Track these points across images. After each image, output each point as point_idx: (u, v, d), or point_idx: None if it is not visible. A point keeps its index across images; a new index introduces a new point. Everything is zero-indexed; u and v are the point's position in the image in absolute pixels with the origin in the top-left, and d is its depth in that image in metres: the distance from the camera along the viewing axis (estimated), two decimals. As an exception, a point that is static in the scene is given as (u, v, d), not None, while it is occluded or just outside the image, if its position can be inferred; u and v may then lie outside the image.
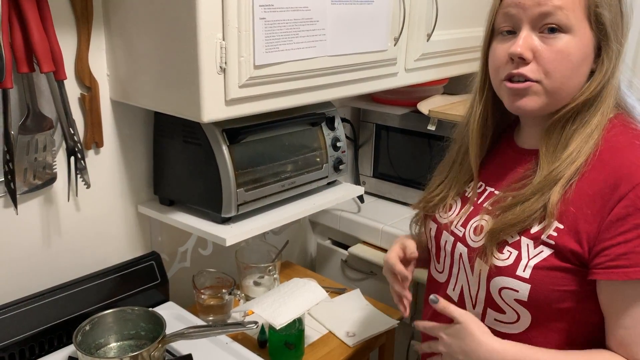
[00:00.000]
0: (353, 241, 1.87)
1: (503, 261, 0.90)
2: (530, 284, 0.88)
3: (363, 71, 1.37)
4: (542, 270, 0.87)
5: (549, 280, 0.87)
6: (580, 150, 0.88)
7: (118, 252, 1.41)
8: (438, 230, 1.06)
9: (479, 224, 0.96)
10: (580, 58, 0.88)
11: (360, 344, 1.43)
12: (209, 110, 1.08)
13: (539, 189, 0.89)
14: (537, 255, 0.88)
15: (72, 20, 1.18)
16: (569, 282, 0.87)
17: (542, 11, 0.86)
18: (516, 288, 0.89)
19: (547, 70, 0.87)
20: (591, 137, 0.89)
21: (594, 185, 0.86)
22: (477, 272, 0.94)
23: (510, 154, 1.02)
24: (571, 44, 0.87)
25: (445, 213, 1.05)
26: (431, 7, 1.51)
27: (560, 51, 0.87)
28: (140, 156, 1.40)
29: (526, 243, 0.89)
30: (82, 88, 1.24)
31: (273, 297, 1.35)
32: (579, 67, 0.89)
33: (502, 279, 0.90)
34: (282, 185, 1.38)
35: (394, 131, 1.92)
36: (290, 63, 1.18)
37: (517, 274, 0.88)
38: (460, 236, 0.99)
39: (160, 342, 1.11)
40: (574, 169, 0.87)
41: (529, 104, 0.90)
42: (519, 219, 0.89)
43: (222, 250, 1.57)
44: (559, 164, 0.88)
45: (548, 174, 0.89)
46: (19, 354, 1.17)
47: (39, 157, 1.17)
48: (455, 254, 1.00)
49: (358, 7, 1.29)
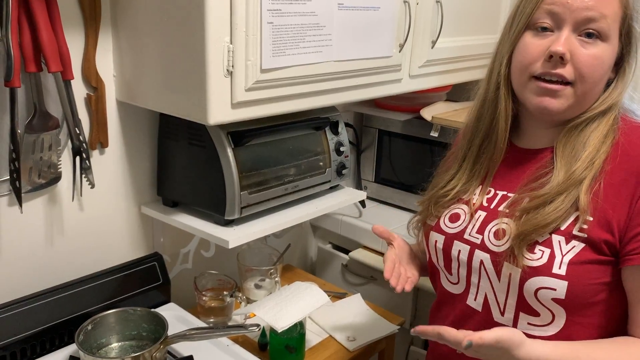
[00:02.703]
0: (354, 246, 1.87)
1: (536, 261, 0.89)
2: (568, 280, 0.87)
3: (368, 77, 1.38)
4: (577, 265, 0.87)
5: (585, 274, 0.87)
6: (598, 149, 0.90)
7: (120, 252, 1.41)
8: (447, 242, 1.02)
9: (500, 228, 0.95)
10: (609, 66, 0.91)
11: (360, 349, 1.43)
12: (215, 113, 1.08)
13: (565, 188, 0.89)
14: (570, 251, 0.87)
15: (80, 21, 1.19)
16: (603, 274, 0.87)
17: (588, 16, 0.87)
18: (553, 286, 0.87)
19: (582, 74, 0.88)
20: (607, 136, 0.90)
21: (618, 175, 0.87)
22: (506, 276, 0.92)
23: (513, 156, 1.01)
24: (606, 51, 0.89)
25: (452, 223, 1.03)
26: (436, 14, 1.52)
27: (596, 57, 0.88)
28: (144, 157, 1.41)
29: (557, 240, 0.89)
30: (88, 88, 1.24)
31: (275, 300, 1.35)
32: (606, 75, 0.91)
33: (538, 279, 0.89)
34: (285, 188, 1.39)
35: (397, 137, 1.93)
36: (296, 67, 1.18)
37: (553, 272, 0.87)
38: (479, 243, 0.97)
39: (162, 343, 1.11)
40: (596, 167, 0.88)
41: (556, 105, 0.91)
42: (550, 219, 0.88)
43: (224, 253, 1.58)
44: (580, 164, 0.89)
45: (571, 173, 0.89)
46: (20, 353, 1.17)
47: (44, 157, 1.17)
48: (473, 263, 0.98)
49: (364, 14, 1.30)
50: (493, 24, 1.79)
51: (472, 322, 0.99)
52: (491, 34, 1.79)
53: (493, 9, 1.77)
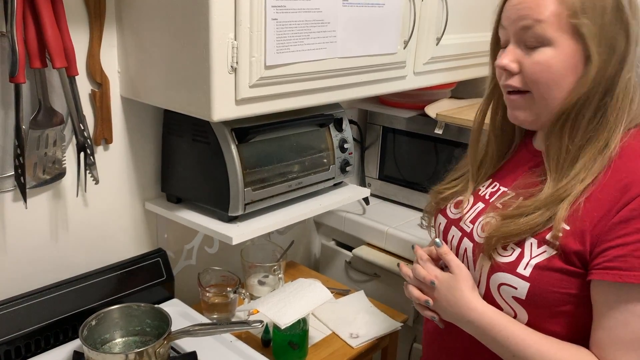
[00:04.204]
0: (357, 243, 1.88)
1: (505, 257, 0.91)
2: (530, 282, 0.88)
3: (372, 73, 1.38)
4: (543, 270, 0.87)
5: (549, 280, 0.87)
6: (589, 168, 0.88)
7: (124, 248, 1.42)
8: (447, 225, 1.07)
9: (487, 221, 0.97)
10: (562, 68, 0.88)
11: (363, 346, 1.43)
12: (219, 110, 1.08)
13: (545, 204, 0.89)
14: (539, 255, 0.88)
15: (84, 17, 1.19)
16: (570, 285, 0.87)
17: (524, 25, 0.89)
18: (515, 285, 0.89)
19: (532, 80, 0.91)
20: (601, 154, 0.88)
21: (605, 189, 0.86)
22: (480, 267, 0.95)
23: (524, 154, 1.05)
24: (551, 55, 0.88)
25: (455, 209, 1.07)
26: (441, 11, 1.51)
27: (539, 63, 0.89)
28: (148, 153, 1.41)
29: (530, 242, 0.90)
30: (93, 84, 1.25)
31: (278, 296, 1.36)
32: (563, 78, 0.89)
33: (502, 274, 0.91)
34: (289, 185, 1.39)
35: (401, 134, 1.93)
36: (300, 64, 1.18)
37: (517, 271, 0.89)
38: (468, 232, 1.01)
39: (165, 339, 1.11)
40: (581, 188, 0.87)
41: (522, 115, 0.95)
42: (520, 230, 0.90)
43: (227, 249, 1.58)
44: (567, 182, 0.89)
45: (555, 191, 0.89)
46: (24, 348, 1.17)
47: (48, 152, 1.18)
48: (460, 249, 1.01)
49: (369, 10, 1.29)
50: (498, 21, 1.78)
51: None
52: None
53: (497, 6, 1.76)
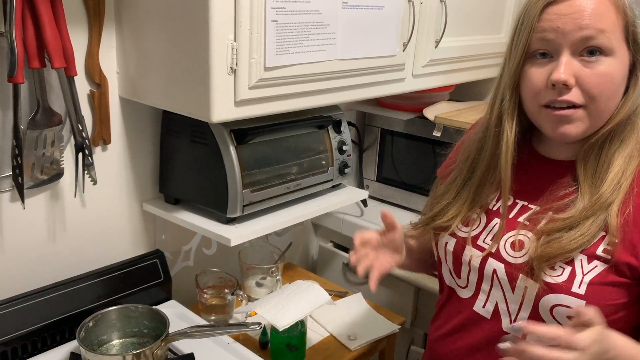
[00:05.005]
0: (355, 245, 1.87)
1: (555, 278, 0.87)
2: (586, 300, 0.85)
3: (371, 76, 1.38)
4: (597, 286, 0.85)
5: (603, 295, 0.85)
6: (624, 171, 0.87)
7: (122, 249, 1.41)
8: (458, 245, 1.00)
9: (517, 239, 0.92)
10: (620, 79, 0.86)
11: (361, 348, 1.43)
12: (219, 111, 1.08)
13: (592, 213, 0.86)
14: (592, 270, 0.86)
15: (84, 17, 1.19)
16: (622, 295, 0.85)
17: (584, 35, 0.83)
18: (570, 305, 0.85)
19: (592, 95, 0.85)
20: (632, 156, 0.88)
21: None
22: (521, 289, 0.90)
23: (537, 166, 0.98)
24: (613, 66, 0.85)
25: (465, 227, 1.00)
26: (440, 13, 1.51)
27: (603, 75, 0.84)
28: (146, 154, 1.40)
29: (580, 258, 0.87)
30: (91, 85, 1.24)
31: (276, 298, 1.35)
32: (619, 88, 0.87)
33: (556, 296, 0.86)
34: (288, 187, 1.39)
35: (399, 136, 1.93)
36: (300, 66, 1.18)
37: (572, 291, 0.85)
38: (493, 252, 0.94)
39: (163, 341, 1.11)
40: (624, 189, 0.86)
41: (574, 130, 0.87)
42: (577, 244, 0.86)
43: (225, 250, 1.58)
44: (605, 188, 0.86)
45: (597, 197, 0.86)
46: (21, 349, 1.17)
47: (47, 153, 1.17)
48: (485, 270, 0.95)
49: (368, 12, 1.29)
50: (497, 24, 1.79)
51: (479, 329, 0.97)
52: (495, 34, 1.78)
53: (497, 9, 1.77)
